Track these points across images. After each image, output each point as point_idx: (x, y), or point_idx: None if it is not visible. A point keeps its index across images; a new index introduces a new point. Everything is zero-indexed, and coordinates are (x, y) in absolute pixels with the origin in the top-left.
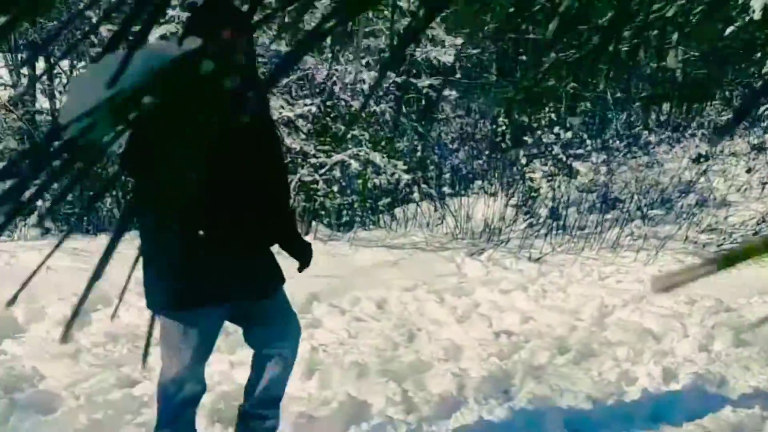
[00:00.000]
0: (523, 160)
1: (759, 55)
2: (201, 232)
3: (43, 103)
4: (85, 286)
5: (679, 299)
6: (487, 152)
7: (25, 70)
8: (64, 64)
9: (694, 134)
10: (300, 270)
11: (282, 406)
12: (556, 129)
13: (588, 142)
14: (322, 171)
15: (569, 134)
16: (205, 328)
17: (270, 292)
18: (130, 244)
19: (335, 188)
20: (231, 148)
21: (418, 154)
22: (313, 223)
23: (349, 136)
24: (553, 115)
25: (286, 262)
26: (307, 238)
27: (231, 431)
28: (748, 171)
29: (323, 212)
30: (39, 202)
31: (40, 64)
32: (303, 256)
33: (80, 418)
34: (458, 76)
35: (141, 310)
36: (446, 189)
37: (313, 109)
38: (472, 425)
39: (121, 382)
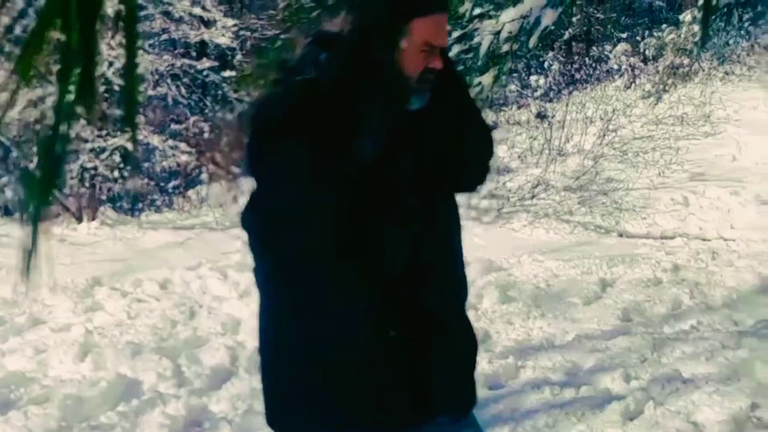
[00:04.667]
0: None
1: None
2: (392, 332)
3: None
4: None
5: None
6: None
7: None
8: None
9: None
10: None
11: (50, 389)
12: None
13: None
14: (103, 156)
15: None
16: None
17: (465, 407)
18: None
19: (125, 173)
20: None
21: (205, 135)
22: (101, 208)
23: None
24: None
25: None
26: (94, 224)
27: None
28: (532, 138)
29: (112, 197)
30: None
31: None
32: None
33: None
34: (238, 57)
35: None
36: (235, 169)
37: None
38: (242, 394)
39: None
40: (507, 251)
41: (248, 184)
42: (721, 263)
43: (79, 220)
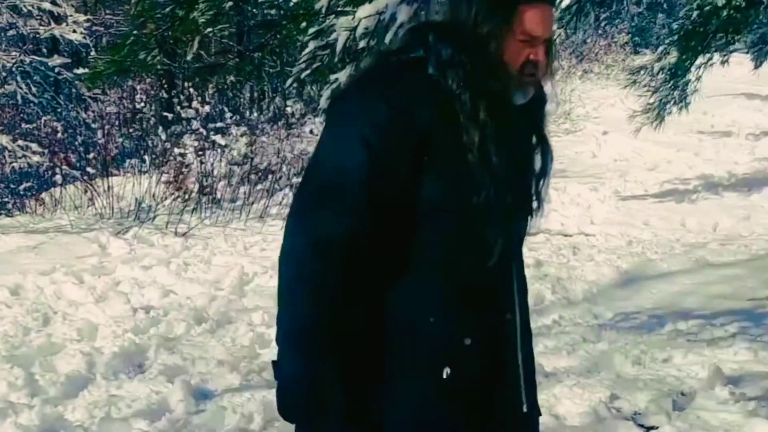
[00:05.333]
0: (163, 136)
1: None
2: (468, 340)
3: None
4: None
5: None
6: (130, 131)
7: None
8: None
9: None
10: None
11: None
12: (194, 103)
13: (228, 115)
14: None
15: (207, 108)
16: None
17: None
18: None
19: None
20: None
21: (59, 135)
22: None
23: None
24: (191, 90)
25: None
26: None
27: None
28: None
29: None
30: None
31: None
32: None
33: None
34: (93, 54)
35: None
36: (90, 170)
37: None
38: (99, 402)
39: None
40: None
41: (103, 185)
42: (582, 258)
43: None
